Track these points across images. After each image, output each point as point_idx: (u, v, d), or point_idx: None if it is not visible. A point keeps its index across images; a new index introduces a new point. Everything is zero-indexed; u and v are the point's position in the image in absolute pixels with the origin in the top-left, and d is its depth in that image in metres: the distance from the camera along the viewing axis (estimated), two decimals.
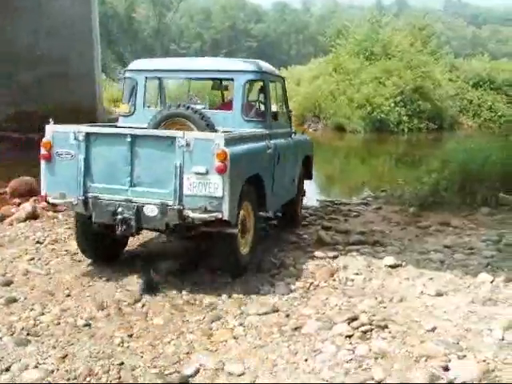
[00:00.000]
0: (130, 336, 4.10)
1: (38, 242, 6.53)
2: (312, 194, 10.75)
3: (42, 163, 5.56)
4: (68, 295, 4.90)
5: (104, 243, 5.75)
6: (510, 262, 6.01)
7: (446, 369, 3.57)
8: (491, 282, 5.24)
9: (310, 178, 8.29)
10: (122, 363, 3.67)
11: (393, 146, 24.39)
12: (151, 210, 5.07)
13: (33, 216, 7.66)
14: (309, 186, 9.36)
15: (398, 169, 15.92)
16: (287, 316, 4.47)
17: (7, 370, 3.58)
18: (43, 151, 5.53)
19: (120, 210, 5.12)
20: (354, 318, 4.27)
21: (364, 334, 4.07)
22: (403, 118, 28.07)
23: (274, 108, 6.91)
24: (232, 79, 6.61)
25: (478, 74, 35.52)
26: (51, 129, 5.55)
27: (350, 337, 4.02)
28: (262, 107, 6.82)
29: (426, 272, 5.59)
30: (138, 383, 3.47)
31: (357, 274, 5.49)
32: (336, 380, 3.43)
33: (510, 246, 6.60)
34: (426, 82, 30.08)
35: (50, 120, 5.63)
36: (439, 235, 7.24)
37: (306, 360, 3.71)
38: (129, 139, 5.21)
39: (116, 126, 6.67)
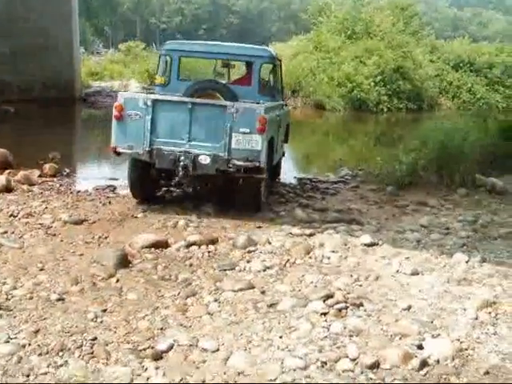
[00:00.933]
0: (104, 311, 4.05)
1: (11, 216, 6.41)
2: (290, 171, 10.74)
3: (114, 122, 7.04)
4: (41, 269, 4.81)
5: (148, 186, 7.64)
6: (486, 242, 6.08)
7: (420, 347, 3.58)
8: (466, 262, 5.27)
9: (286, 141, 9.66)
10: (95, 338, 3.61)
11: (372, 124, 24.45)
12: (205, 159, 6.81)
13: (6, 189, 7.51)
14: (287, 162, 9.54)
15: (376, 147, 15.92)
16: (262, 293, 4.45)
17: None
18: (115, 113, 6.97)
19: (182, 158, 6.78)
20: (330, 296, 4.26)
21: (339, 311, 4.07)
22: (383, 98, 28.08)
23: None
24: (252, 62, 8.55)
25: (458, 55, 35.60)
26: (123, 95, 7.23)
27: (325, 314, 4.02)
28: (271, 84, 8.98)
29: (402, 251, 5.60)
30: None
31: (333, 251, 5.48)
32: (310, 356, 3.43)
33: (486, 226, 6.67)
34: (407, 63, 30.10)
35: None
36: (416, 215, 7.27)
37: (281, 337, 3.69)
38: (189, 106, 6.95)
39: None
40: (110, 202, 7.52)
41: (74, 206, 7.12)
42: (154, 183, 7.87)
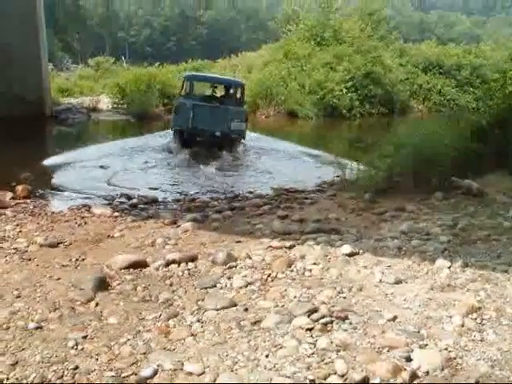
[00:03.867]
0: (85, 337, 3.93)
1: None
2: (265, 182, 10.71)
3: (173, 114, 15.65)
4: (18, 296, 4.67)
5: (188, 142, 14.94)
6: (466, 246, 6.05)
7: (409, 359, 3.53)
8: (449, 268, 5.23)
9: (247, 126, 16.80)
10: (77, 367, 3.50)
11: (345, 131, 24.56)
12: (217, 133, 14.66)
13: None
14: (262, 174, 9.74)
15: (350, 154, 15.92)
16: (246, 310, 4.36)
17: None
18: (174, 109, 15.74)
19: (207, 133, 14.66)
20: (314, 310, 4.19)
21: (325, 326, 4.00)
22: (355, 103, 28.30)
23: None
24: (230, 86, 17.39)
25: (427, 58, 36.13)
26: (178, 100, 15.92)
27: (310, 330, 3.94)
28: (239, 97, 16.88)
29: (383, 259, 5.55)
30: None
31: (314, 263, 5.41)
32: (298, 375, 3.36)
33: (465, 230, 6.64)
34: (377, 67, 30.42)
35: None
36: (395, 221, 7.23)
37: (267, 356, 3.61)
38: (210, 106, 15.22)
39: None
40: (85, 223, 7.40)
41: (49, 228, 7.00)
42: (191, 141, 14.86)
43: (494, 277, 5.00)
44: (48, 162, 12.67)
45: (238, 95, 16.77)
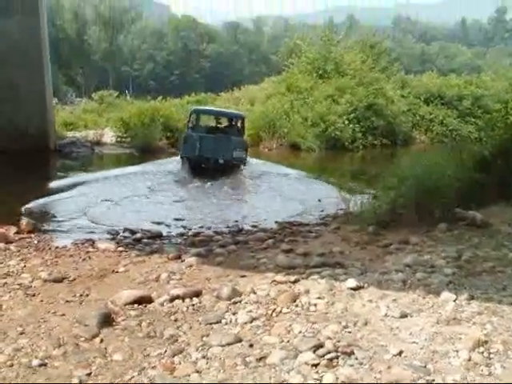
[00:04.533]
0: (89, 375, 3.91)
1: None
2: (270, 216, 10.72)
3: (182, 144, 17.57)
4: (21, 333, 4.66)
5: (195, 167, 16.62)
6: (471, 278, 6.02)
7: None
8: (454, 301, 5.20)
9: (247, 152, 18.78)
10: None
11: (348, 162, 24.61)
12: (221, 160, 16.53)
13: None
14: (265, 207, 9.76)
15: (353, 186, 15.96)
16: (251, 346, 4.34)
17: None
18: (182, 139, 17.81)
19: (211, 160, 16.45)
20: (320, 346, 4.17)
21: (330, 361, 3.97)
22: (357, 135, 28.38)
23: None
24: (233, 117, 19.68)
25: (428, 89, 36.35)
26: (186, 132, 18.26)
27: (316, 365, 3.92)
28: (240, 128, 19.04)
29: (388, 293, 5.53)
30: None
31: (319, 298, 5.39)
32: None
33: (470, 262, 6.61)
34: (379, 99, 30.55)
35: None
36: (399, 254, 7.21)
37: None
38: (214, 136, 17.36)
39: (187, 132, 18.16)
40: (89, 257, 7.39)
41: (53, 263, 7.00)
42: (198, 167, 16.48)
43: (501, 309, 4.96)
44: (52, 195, 12.70)
45: (240, 126, 19.09)
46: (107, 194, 12.86)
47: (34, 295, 5.69)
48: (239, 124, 19.19)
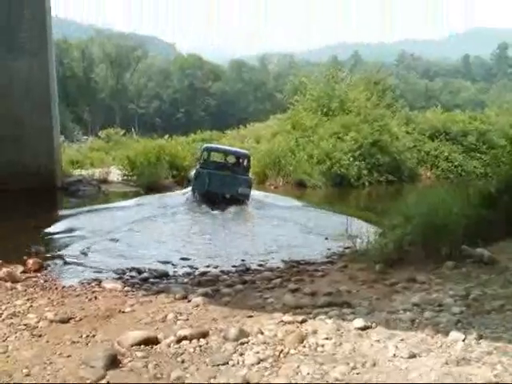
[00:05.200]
0: None
1: None
2: (276, 255, 10.71)
3: (193, 179, 19.65)
4: (27, 375, 4.62)
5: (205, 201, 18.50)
6: (480, 317, 5.97)
7: None
8: (463, 341, 5.15)
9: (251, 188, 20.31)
10: None
11: (354, 200, 24.63)
12: (227, 195, 18.83)
13: None
14: (271, 245, 10.89)
15: (359, 224, 15.92)
16: None
17: None
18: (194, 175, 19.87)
19: (219, 195, 18.65)
20: None
21: None
22: (363, 172, 28.45)
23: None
24: (239, 157, 21.69)
25: (433, 125, 36.55)
26: (196, 169, 19.98)
27: None
28: (246, 166, 20.93)
29: (396, 332, 5.49)
30: None
31: (327, 338, 5.35)
32: None
33: (478, 300, 6.56)
34: (384, 136, 30.71)
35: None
36: (407, 292, 7.17)
37: None
38: (222, 173, 19.48)
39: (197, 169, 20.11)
40: (96, 297, 7.37)
41: (59, 303, 6.97)
42: (207, 201, 18.21)
43: (510, 349, 4.91)
44: (59, 234, 12.73)
45: (246, 164, 21.03)
46: (113, 230, 12.96)
47: (40, 336, 5.67)
48: (245, 162, 21.05)
